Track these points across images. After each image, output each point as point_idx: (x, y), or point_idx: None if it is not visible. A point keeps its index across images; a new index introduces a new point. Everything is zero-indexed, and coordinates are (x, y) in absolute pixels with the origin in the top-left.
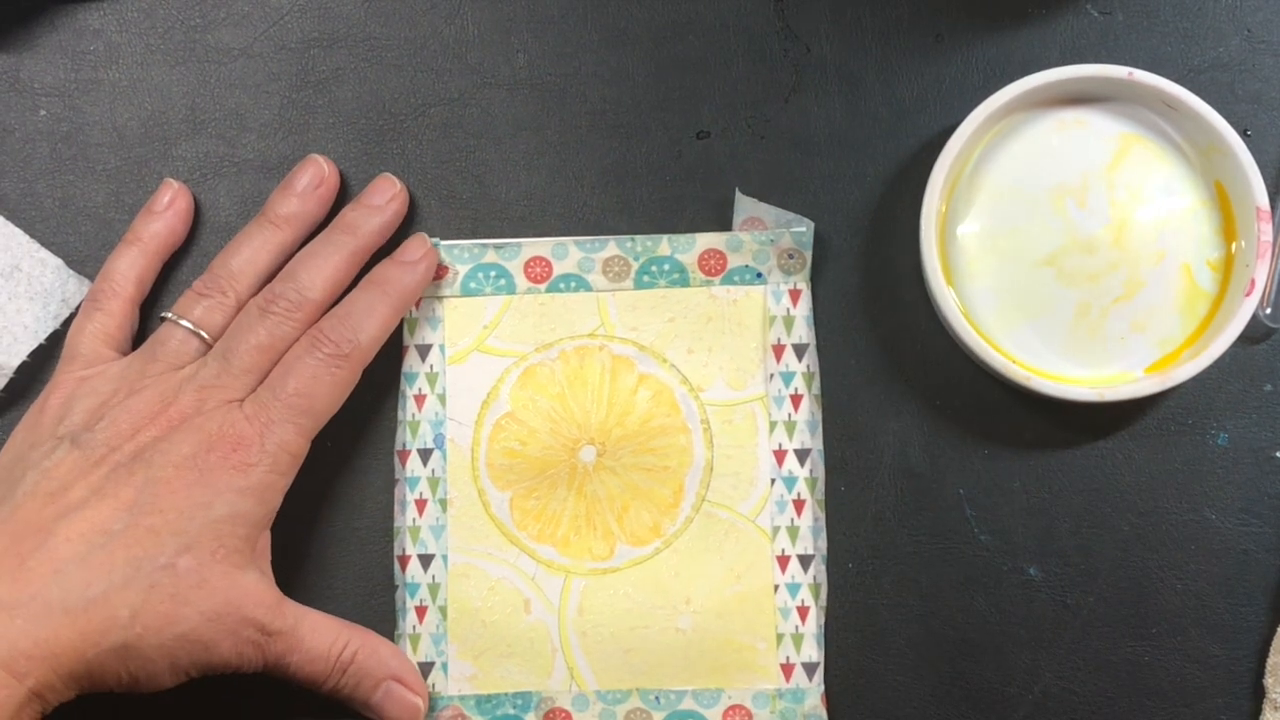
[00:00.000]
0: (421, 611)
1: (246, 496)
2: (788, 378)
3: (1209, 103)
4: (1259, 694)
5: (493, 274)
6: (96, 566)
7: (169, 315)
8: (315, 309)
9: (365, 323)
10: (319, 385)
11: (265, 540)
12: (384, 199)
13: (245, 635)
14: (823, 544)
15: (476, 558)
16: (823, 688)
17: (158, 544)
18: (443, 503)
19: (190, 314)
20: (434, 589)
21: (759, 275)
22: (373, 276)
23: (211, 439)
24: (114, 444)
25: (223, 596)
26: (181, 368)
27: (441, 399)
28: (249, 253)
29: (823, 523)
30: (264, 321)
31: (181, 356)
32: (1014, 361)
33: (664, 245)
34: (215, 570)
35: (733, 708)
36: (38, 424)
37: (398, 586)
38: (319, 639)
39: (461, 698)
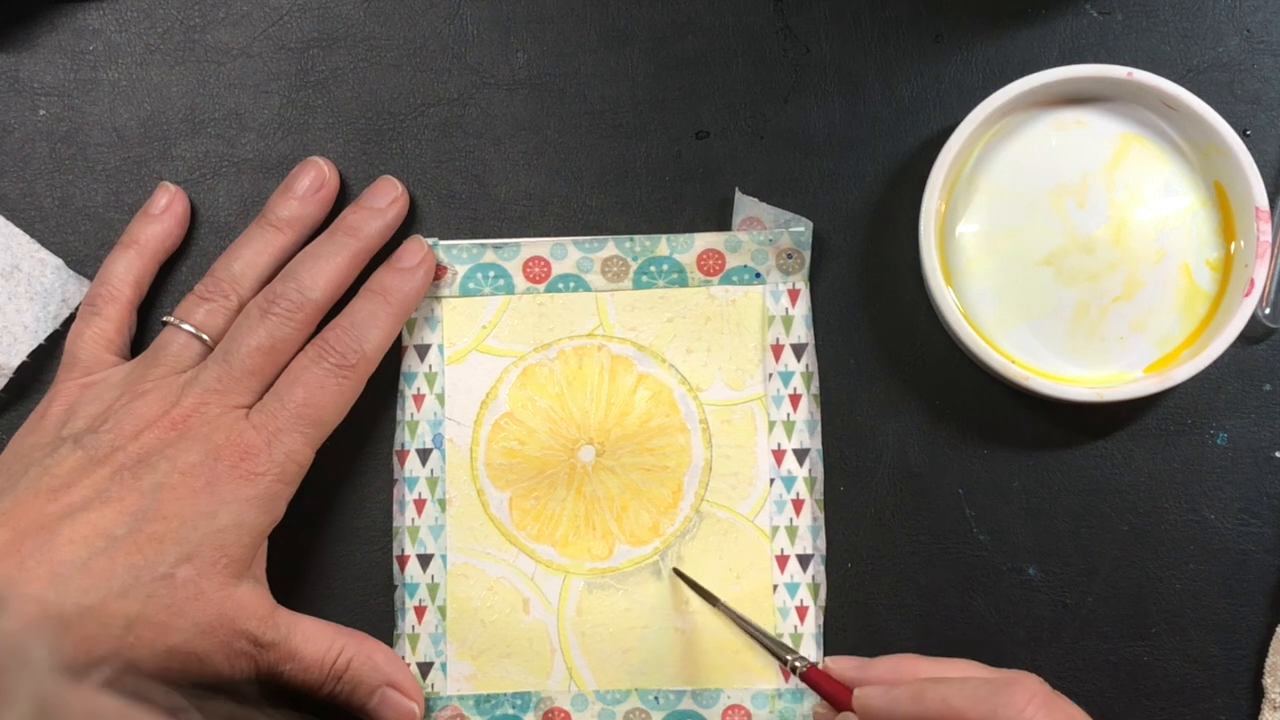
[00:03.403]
0: (420, 611)
1: (252, 506)
2: (786, 377)
3: (1209, 103)
4: (1258, 694)
5: (491, 274)
6: (96, 573)
7: (170, 319)
8: (316, 310)
9: (369, 332)
10: (325, 395)
11: (262, 548)
12: (386, 201)
13: (238, 647)
14: (821, 543)
15: (475, 558)
16: None
17: (159, 553)
18: (441, 503)
19: (192, 318)
20: (433, 589)
21: (757, 275)
22: (372, 285)
23: (219, 448)
24: (118, 444)
25: (216, 610)
26: (184, 371)
27: (440, 399)
28: (250, 255)
29: (821, 522)
30: (265, 322)
31: (183, 360)
32: (1013, 361)
33: (662, 245)
34: (213, 582)
35: (732, 708)
36: (39, 428)
37: (397, 586)
38: (313, 647)
39: (460, 698)
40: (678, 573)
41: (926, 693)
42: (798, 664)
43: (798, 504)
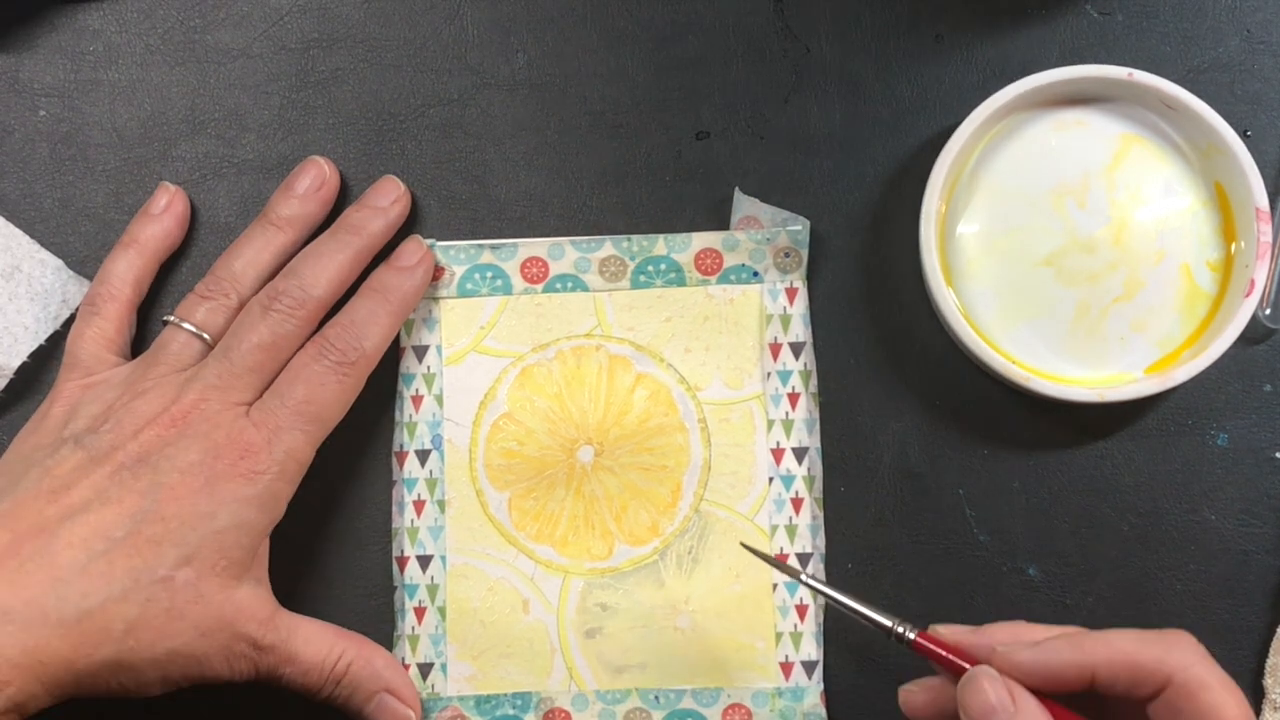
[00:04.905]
0: (420, 612)
1: (251, 505)
2: (785, 376)
3: (1209, 103)
4: (1258, 694)
5: (489, 275)
6: (96, 576)
7: (171, 318)
8: (318, 307)
9: (369, 330)
10: (326, 392)
11: (264, 547)
12: (388, 200)
13: (238, 650)
14: (821, 542)
15: (475, 558)
16: (822, 686)
17: (158, 555)
18: (441, 504)
19: (192, 317)
20: (433, 590)
21: (755, 274)
22: (372, 283)
23: (219, 446)
24: (118, 443)
25: (216, 612)
26: (184, 370)
27: (439, 400)
28: (251, 254)
29: (821, 521)
30: (266, 319)
31: (184, 359)
32: (1014, 362)
33: (660, 245)
34: (212, 584)
35: (732, 706)
36: (40, 429)
37: (396, 588)
38: (312, 651)
39: (461, 698)
40: (746, 547)
41: (1087, 642)
42: (900, 629)
43: (797, 502)
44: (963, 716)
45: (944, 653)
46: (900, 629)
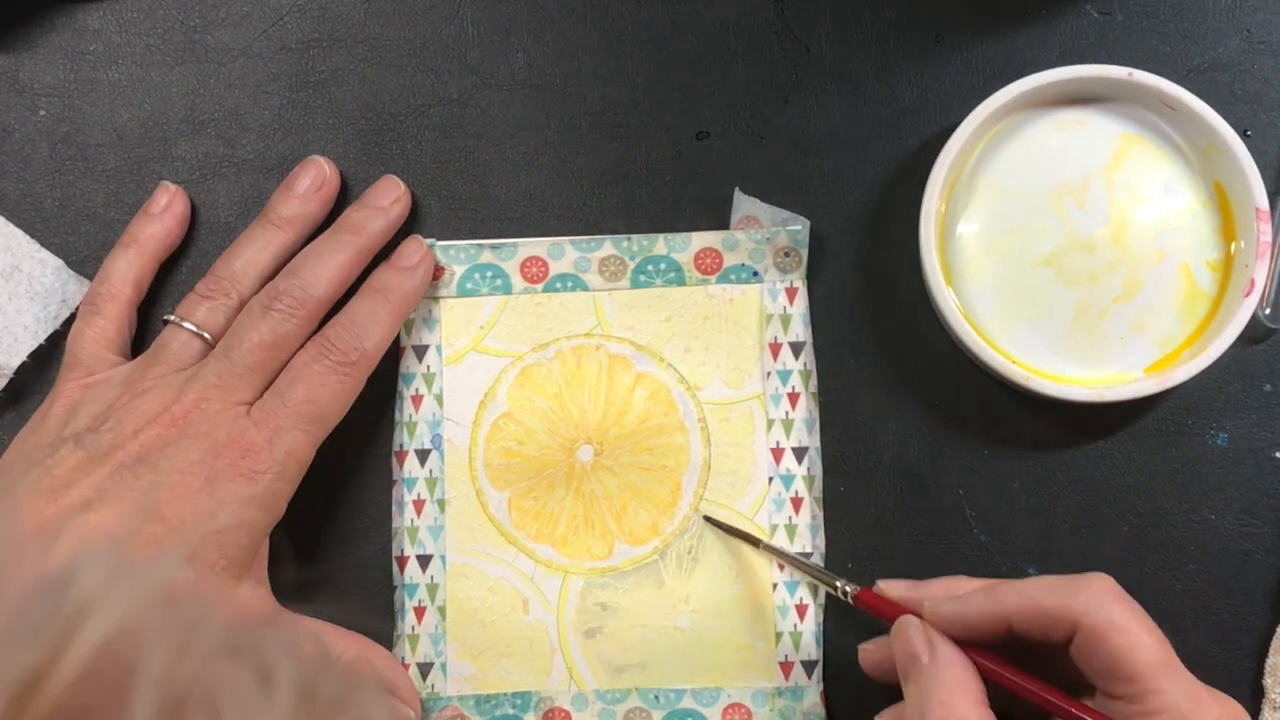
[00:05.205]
0: (420, 612)
1: (252, 505)
2: (785, 376)
3: (1209, 103)
4: (1258, 694)
5: (489, 274)
6: None
7: (171, 318)
8: (319, 306)
9: (370, 330)
10: (327, 392)
11: (264, 546)
12: (388, 200)
13: None
14: (821, 542)
15: (475, 558)
16: (822, 686)
17: (158, 554)
18: (440, 503)
19: (193, 316)
20: (432, 589)
21: (755, 274)
22: (372, 283)
23: (219, 445)
24: (118, 443)
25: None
26: (185, 369)
27: (439, 399)
28: (251, 254)
29: (820, 520)
30: (266, 319)
31: (184, 358)
32: (1013, 361)
33: (660, 245)
34: (213, 584)
35: (732, 706)
36: (41, 429)
37: (396, 587)
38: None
39: (461, 698)
40: (709, 519)
41: (1000, 591)
42: (848, 589)
43: (796, 502)
44: (896, 663)
45: (881, 607)
46: (846, 587)
